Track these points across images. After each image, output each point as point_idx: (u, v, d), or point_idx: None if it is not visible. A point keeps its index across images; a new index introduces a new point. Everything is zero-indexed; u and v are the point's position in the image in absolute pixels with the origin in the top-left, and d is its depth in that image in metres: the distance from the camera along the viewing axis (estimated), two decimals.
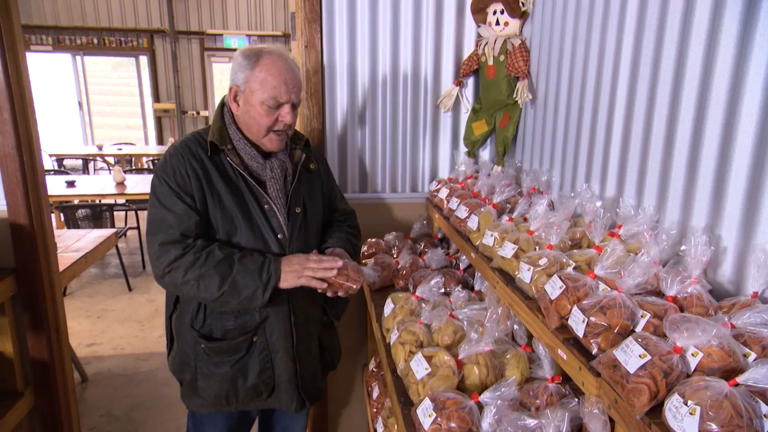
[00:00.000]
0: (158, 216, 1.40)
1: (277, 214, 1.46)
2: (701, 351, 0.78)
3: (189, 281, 1.35)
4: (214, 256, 1.36)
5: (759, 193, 0.93)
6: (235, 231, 1.43)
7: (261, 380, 1.51)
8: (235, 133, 1.46)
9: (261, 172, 1.47)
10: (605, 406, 0.87)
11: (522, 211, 1.52)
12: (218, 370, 1.49)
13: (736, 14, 0.98)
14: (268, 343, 1.49)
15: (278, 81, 1.37)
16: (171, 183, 1.40)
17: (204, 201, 1.42)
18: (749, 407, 0.64)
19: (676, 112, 1.14)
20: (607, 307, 0.93)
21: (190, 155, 1.43)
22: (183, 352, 1.53)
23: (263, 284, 1.34)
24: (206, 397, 1.53)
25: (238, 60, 1.41)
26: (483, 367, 1.22)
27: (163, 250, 1.37)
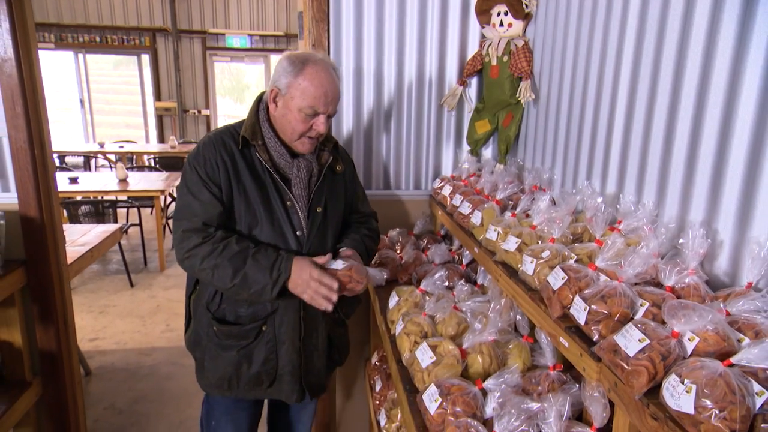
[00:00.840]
0: (185, 202, 1.47)
1: (298, 211, 1.52)
2: (698, 336, 0.82)
3: (205, 269, 1.43)
4: (230, 249, 1.42)
5: (754, 188, 0.97)
6: (257, 224, 1.49)
7: (264, 369, 1.56)
8: (267, 130, 1.52)
9: (287, 170, 1.53)
10: (605, 389, 0.91)
11: (524, 207, 1.56)
12: (225, 353, 1.55)
13: (735, 15, 1.02)
14: (275, 333, 1.54)
15: (319, 92, 1.42)
16: (201, 172, 1.47)
17: (230, 192, 1.48)
18: (742, 385, 0.68)
19: (675, 111, 1.19)
20: (607, 296, 0.97)
21: (222, 147, 1.49)
22: (197, 331, 1.61)
23: (272, 281, 1.40)
24: (210, 377, 1.60)
25: (284, 64, 1.45)
26: (486, 356, 1.26)
27: (185, 236, 1.45)
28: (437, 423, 1.08)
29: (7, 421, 1.95)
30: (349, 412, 2.45)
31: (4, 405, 1.96)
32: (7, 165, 2.01)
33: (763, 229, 0.95)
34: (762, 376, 0.70)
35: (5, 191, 2.04)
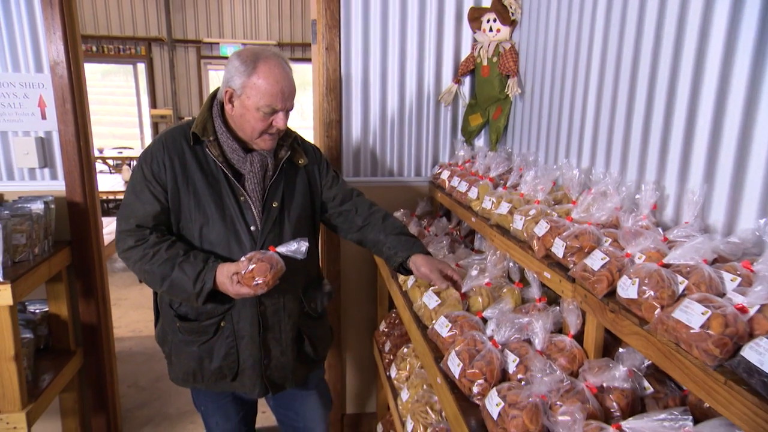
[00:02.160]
0: (126, 201, 1.51)
1: (251, 207, 1.52)
2: (644, 254, 1.11)
3: (137, 272, 1.49)
4: (160, 256, 1.43)
5: (689, 152, 1.27)
6: (207, 222, 1.49)
7: (225, 363, 1.59)
8: (220, 125, 1.51)
9: (241, 165, 1.52)
10: (578, 302, 1.19)
11: (513, 182, 1.85)
12: (187, 348, 1.59)
13: (699, 8, 1.32)
14: (234, 329, 1.57)
15: (275, 90, 1.42)
16: (146, 170, 1.48)
17: (177, 191, 1.48)
18: (670, 277, 0.97)
19: (632, 98, 1.48)
20: (580, 234, 1.25)
21: (171, 144, 1.50)
22: (163, 327, 1.67)
23: (196, 292, 1.42)
24: (177, 371, 1.66)
25: (235, 64, 1.43)
26: (485, 297, 1.54)
27: (120, 237, 1.50)
28: (449, 342, 1.35)
29: (55, 387, 2.18)
30: (359, 380, 2.72)
31: (53, 371, 2.20)
32: (56, 156, 2.26)
33: (696, 182, 1.25)
34: (684, 271, 0.98)
35: (53, 179, 2.29)
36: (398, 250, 1.62)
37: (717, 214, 1.18)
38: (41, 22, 2.13)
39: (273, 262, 1.39)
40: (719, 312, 0.82)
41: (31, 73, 2.17)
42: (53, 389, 2.16)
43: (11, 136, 2.21)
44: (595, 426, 0.91)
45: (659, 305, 0.95)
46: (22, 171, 2.26)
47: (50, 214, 2.19)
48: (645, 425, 0.87)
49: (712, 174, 1.19)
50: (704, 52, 1.21)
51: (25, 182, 2.27)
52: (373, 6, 2.35)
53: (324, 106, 2.41)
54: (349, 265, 2.58)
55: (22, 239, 1.99)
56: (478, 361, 1.18)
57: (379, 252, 1.70)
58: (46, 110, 2.20)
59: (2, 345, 1.85)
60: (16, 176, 2.26)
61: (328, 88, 2.39)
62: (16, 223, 1.96)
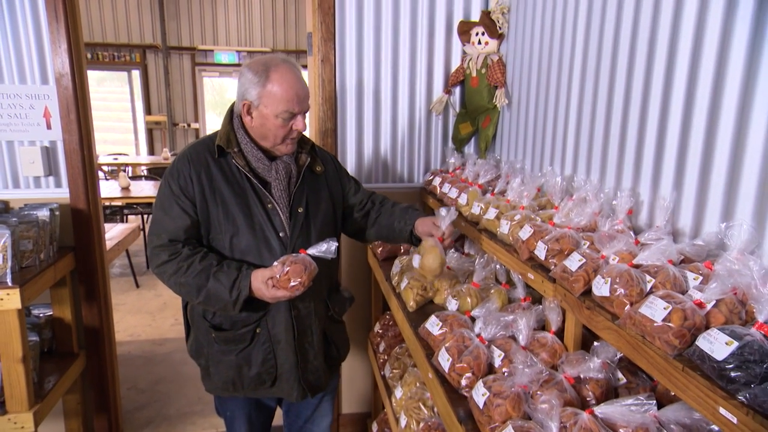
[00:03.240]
0: (156, 218, 1.54)
1: (279, 213, 1.55)
2: (618, 255, 1.20)
3: (172, 286, 1.52)
4: (194, 268, 1.47)
5: (660, 162, 1.37)
6: (237, 231, 1.52)
7: (264, 369, 1.61)
8: (243, 136, 1.55)
9: (266, 173, 1.56)
10: (558, 300, 1.29)
11: (501, 189, 1.95)
12: (225, 358, 1.61)
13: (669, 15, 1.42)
14: (270, 334, 1.60)
15: (291, 94, 1.46)
16: (173, 185, 1.51)
17: (205, 203, 1.52)
18: (638, 276, 1.06)
19: (610, 111, 1.58)
20: (560, 238, 1.35)
21: (196, 159, 1.53)
22: (197, 339, 1.68)
23: (233, 300, 1.46)
24: (216, 381, 1.67)
25: (248, 76, 1.47)
26: (473, 297, 1.63)
27: (153, 252, 1.53)
28: (439, 340, 1.44)
29: (59, 388, 2.25)
30: (355, 380, 2.80)
31: (57, 373, 2.26)
32: (61, 164, 2.34)
33: (667, 189, 1.35)
34: (652, 271, 1.08)
35: (58, 187, 2.36)
36: (406, 220, 1.70)
37: (685, 218, 1.28)
38: (47, 36, 2.21)
39: (306, 263, 1.43)
40: (679, 307, 0.91)
41: (36, 85, 2.25)
42: (58, 391, 2.23)
43: (17, 146, 2.29)
44: (571, 412, 1.00)
45: (629, 302, 1.04)
46: (28, 179, 2.33)
47: (55, 221, 2.26)
48: (615, 410, 0.96)
49: (680, 181, 1.29)
50: (672, 70, 1.31)
51: (31, 190, 2.34)
52: (366, 20, 2.44)
53: (320, 116, 2.51)
54: (345, 268, 2.67)
55: (29, 245, 2.07)
56: (467, 356, 1.27)
57: (393, 232, 1.75)
58: (51, 120, 2.28)
59: (11, 347, 1.92)
60: (21, 184, 2.33)
61: (323, 98, 2.48)
62: (24, 230, 2.04)
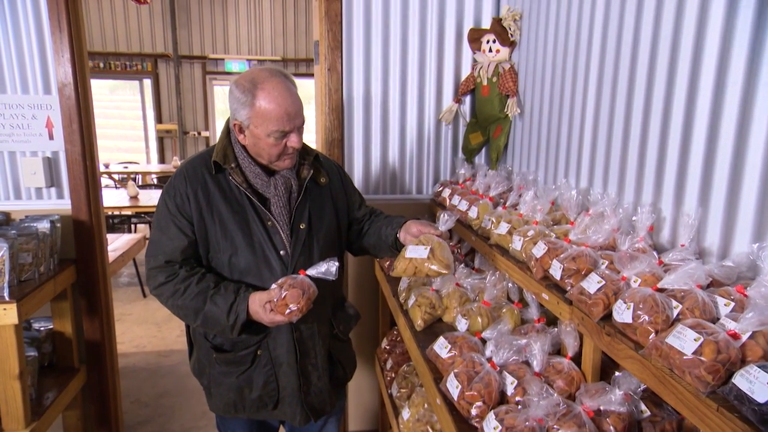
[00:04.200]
0: (153, 238, 1.50)
1: (279, 231, 1.48)
2: (640, 278, 1.12)
3: (171, 309, 1.48)
4: (191, 290, 1.43)
5: (684, 176, 1.28)
6: (236, 250, 1.46)
7: (265, 392, 1.56)
8: (240, 151, 1.49)
9: (265, 189, 1.49)
10: (575, 324, 1.20)
11: (513, 202, 1.87)
12: (227, 380, 1.57)
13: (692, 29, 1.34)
14: (271, 356, 1.54)
15: (280, 113, 1.38)
16: (170, 204, 1.46)
17: (202, 222, 1.46)
18: (664, 302, 0.98)
19: (629, 120, 1.50)
20: (577, 256, 1.27)
21: (193, 176, 1.48)
22: (199, 359, 1.64)
23: (230, 325, 1.41)
24: (218, 402, 1.62)
25: (236, 95, 1.40)
26: (484, 317, 1.55)
27: (150, 274, 1.49)
28: (448, 364, 1.36)
29: (59, 404, 2.20)
30: (362, 397, 2.72)
31: (57, 389, 2.21)
32: (63, 175, 2.30)
33: (692, 205, 1.26)
34: (679, 295, 0.99)
35: (60, 198, 2.32)
36: (392, 224, 1.62)
37: (712, 237, 1.20)
38: (50, 45, 2.17)
39: (305, 287, 1.36)
40: (711, 338, 0.83)
41: (39, 95, 2.21)
42: (57, 407, 2.17)
43: (19, 156, 2.25)
44: None
45: (654, 330, 0.96)
46: (29, 190, 2.29)
47: (56, 233, 2.22)
48: None
49: (706, 197, 1.21)
50: (697, 76, 1.23)
51: (32, 201, 2.30)
52: (374, 27, 2.39)
53: (326, 125, 2.45)
54: (352, 282, 2.60)
55: (28, 258, 2.02)
56: (477, 384, 1.19)
57: (379, 240, 1.65)
58: (53, 131, 2.24)
59: (7, 364, 1.87)
60: (23, 195, 2.29)
61: (330, 108, 2.42)
62: (23, 243, 1.99)
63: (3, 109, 2.19)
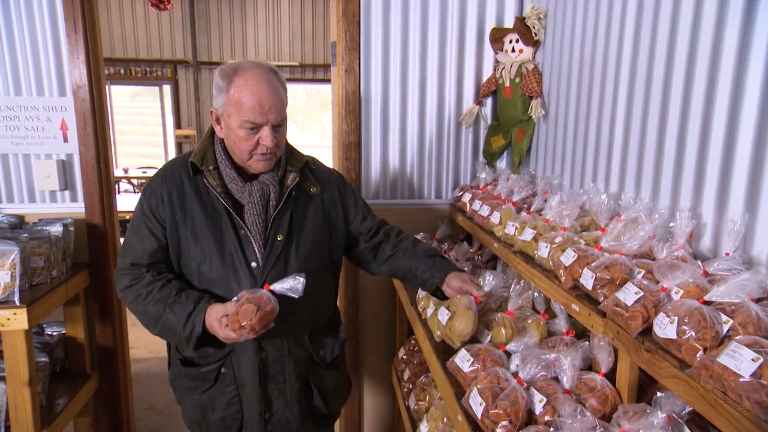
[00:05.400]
0: (126, 239, 1.45)
1: (252, 241, 1.39)
2: (682, 289, 1.03)
3: (134, 313, 1.42)
4: (153, 296, 1.36)
5: (728, 178, 1.19)
6: (206, 258, 1.39)
7: (228, 414, 1.46)
8: (220, 153, 1.42)
9: (240, 195, 1.41)
10: (610, 338, 1.11)
11: (537, 207, 1.78)
12: (191, 396, 1.50)
13: (735, 34, 1.25)
14: (235, 376, 1.44)
15: (252, 102, 1.30)
16: (145, 205, 1.42)
17: (175, 226, 1.40)
18: (713, 316, 0.89)
19: (665, 120, 1.41)
20: (610, 265, 1.18)
21: (170, 177, 1.42)
22: (173, 371, 1.57)
23: (186, 336, 1.33)
24: (185, 418, 1.57)
25: (216, 80, 1.35)
26: (508, 328, 1.46)
27: (117, 276, 1.44)
28: (470, 378, 1.28)
29: (70, 410, 2.16)
30: (377, 406, 2.64)
31: (68, 395, 2.17)
32: (77, 178, 2.27)
33: (737, 210, 1.17)
34: (728, 309, 0.90)
35: (73, 201, 2.29)
36: (434, 272, 1.52)
37: (761, 245, 1.10)
38: (65, 47, 2.15)
39: (262, 303, 1.24)
40: None
41: (54, 97, 2.19)
42: (68, 414, 2.13)
43: (33, 159, 2.23)
44: None
45: (702, 347, 0.87)
46: (43, 193, 2.27)
47: (69, 237, 2.19)
48: None
49: (754, 201, 1.11)
50: (743, 71, 1.14)
51: (46, 204, 2.28)
52: (393, 27, 2.32)
53: (343, 128, 2.39)
54: (368, 289, 2.53)
55: (40, 262, 1.99)
56: (502, 401, 1.11)
57: (413, 278, 1.58)
58: (68, 133, 2.22)
59: (17, 370, 1.83)
60: (37, 198, 2.27)
61: (347, 110, 2.36)
62: (35, 246, 1.96)
63: (18, 111, 2.17)
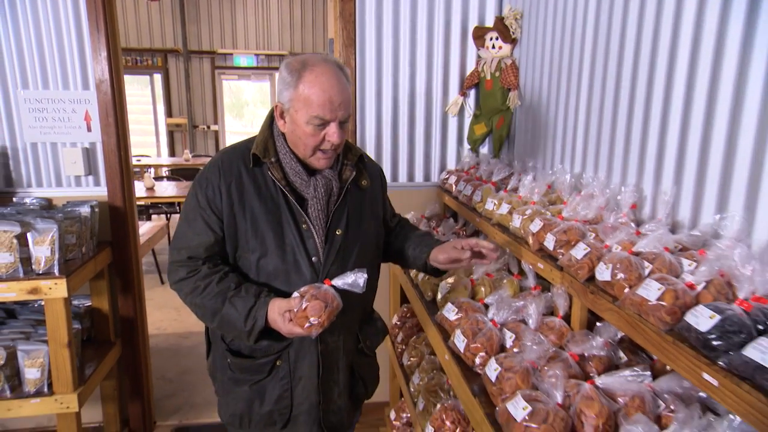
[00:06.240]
0: (179, 230, 1.42)
1: (314, 235, 1.38)
2: (620, 245, 1.31)
3: (189, 305, 1.40)
4: (211, 289, 1.34)
5: (662, 158, 1.47)
6: (266, 252, 1.37)
7: (277, 408, 1.45)
8: (282, 145, 1.40)
9: (304, 189, 1.39)
10: (565, 287, 1.39)
11: (513, 186, 2.06)
12: (237, 388, 1.46)
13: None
14: (290, 369, 1.43)
15: (323, 99, 1.28)
16: (200, 196, 1.38)
17: (233, 218, 1.37)
18: (637, 262, 1.17)
19: (617, 112, 1.69)
20: (568, 230, 1.46)
21: (228, 168, 1.39)
22: (215, 361, 1.54)
23: (247, 331, 1.31)
24: (223, 414, 1.53)
25: (283, 75, 1.32)
26: (487, 287, 1.75)
27: (171, 268, 1.42)
28: (455, 325, 1.56)
29: (99, 373, 2.40)
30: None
31: (96, 360, 2.42)
32: (100, 164, 2.50)
33: (668, 184, 1.45)
34: (650, 257, 1.18)
35: (96, 185, 2.52)
36: (422, 248, 1.55)
37: (684, 211, 1.38)
38: (88, 44, 2.37)
39: (329, 299, 1.25)
40: (671, 288, 1.02)
41: (78, 91, 2.41)
42: (98, 376, 2.38)
43: (60, 147, 2.46)
44: (574, 383, 1.11)
45: (628, 285, 1.15)
46: (70, 178, 2.50)
47: (95, 217, 2.42)
48: (614, 380, 1.07)
49: (680, 177, 1.40)
50: (672, 78, 1.41)
51: (72, 188, 2.51)
52: (385, 26, 2.57)
53: None
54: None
55: (72, 239, 2.22)
56: (480, 338, 1.39)
57: (404, 258, 1.63)
58: (91, 123, 2.44)
59: (58, 333, 2.07)
60: (63, 183, 2.50)
61: None
62: (68, 225, 2.20)
63: (46, 104, 2.39)
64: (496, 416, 1.15)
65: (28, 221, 2.03)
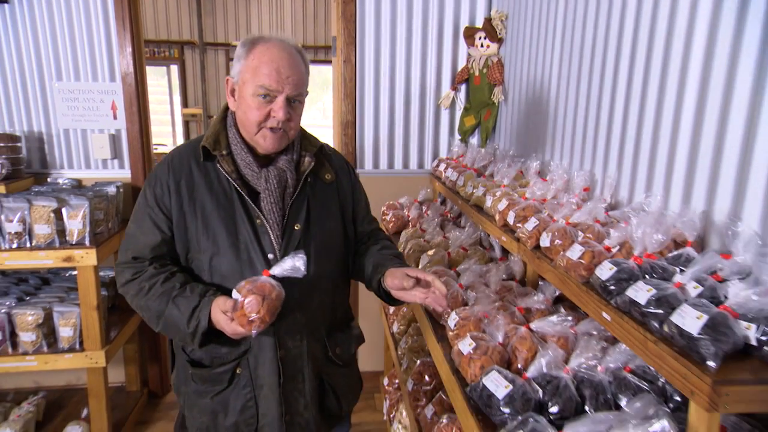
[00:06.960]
0: (128, 230, 1.36)
1: (269, 230, 1.31)
2: (564, 219, 1.55)
3: (136, 308, 1.33)
4: (155, 290, 1.26)
5: (609, 147, 1.70)
6: (218, 251, 1.29)
7: (242, 419, 1.35)
8: (234, 136, 1.33)
9: (256, 182, 1.31)
10: (521, 255, 1.64)
11: (491, 171, 2.30)
12: (200, 400, 1.37)
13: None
14: (252, 377, 1.34)
15: (270, 68, 1.23)
16: (149, 194, 1.32)
17: (183, 217, 1.30)
18: (571, 231, 1.41)
19: (577, 110, 1.92)
20: (526, 207, 1.70)
21: (178, 164, 1.32)
22: (178, 374, 1.44)
23: (190, 333, 1.23)
24: (190, 429, 1.43)
25: (237, 50, 1.28)
26: (461, 258, 1.99)
27: (118, 270, 1.35)
28: None
29: (122, 337, 2.70)
30: (371, 343, 3.19)
31: (120, 325, 2.71)
32: (124, 149, 2.78)
33: (612, 168, 1.68)
34: (584, 227, 1.42)
35: (121, 168, 2.81)
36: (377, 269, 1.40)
37: (624, 191, 1.62)
38: (115, 40, 2.64)
39: (266, 291, 1.15)
40: (590, 249, 1.26)
41: (106, 82, 2.69)
42: (121, 338, 2.67)
43: (89, 133, 2.74)
44: (513, 326, 1.36)
45: (562, 250, 1.39)
46: (97, 161, 2.78)
47: (119, 197, 2.71)
48: (545, 324, 1.32)
49: (621, 161, 1.63)
50: (632, 80, 1.65)
51: (99, 171, 2.80)
52: (384, 25, 2.81)
53: (342, 110, 2.89)
54: None
55: (100, 215, 2.51)
56: (448, 297, 1.64)
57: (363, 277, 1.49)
58: (116, 112, 2.72)
59: (89, 297, 2.36)
60: (92, 165, 2.79)
61: (345, 94, 2.86)
62: (97, 203, 2.48)
63: (78, 94, 2.67)
64: (451, 355, 1.40)
65: (63, 197, 2.32)
